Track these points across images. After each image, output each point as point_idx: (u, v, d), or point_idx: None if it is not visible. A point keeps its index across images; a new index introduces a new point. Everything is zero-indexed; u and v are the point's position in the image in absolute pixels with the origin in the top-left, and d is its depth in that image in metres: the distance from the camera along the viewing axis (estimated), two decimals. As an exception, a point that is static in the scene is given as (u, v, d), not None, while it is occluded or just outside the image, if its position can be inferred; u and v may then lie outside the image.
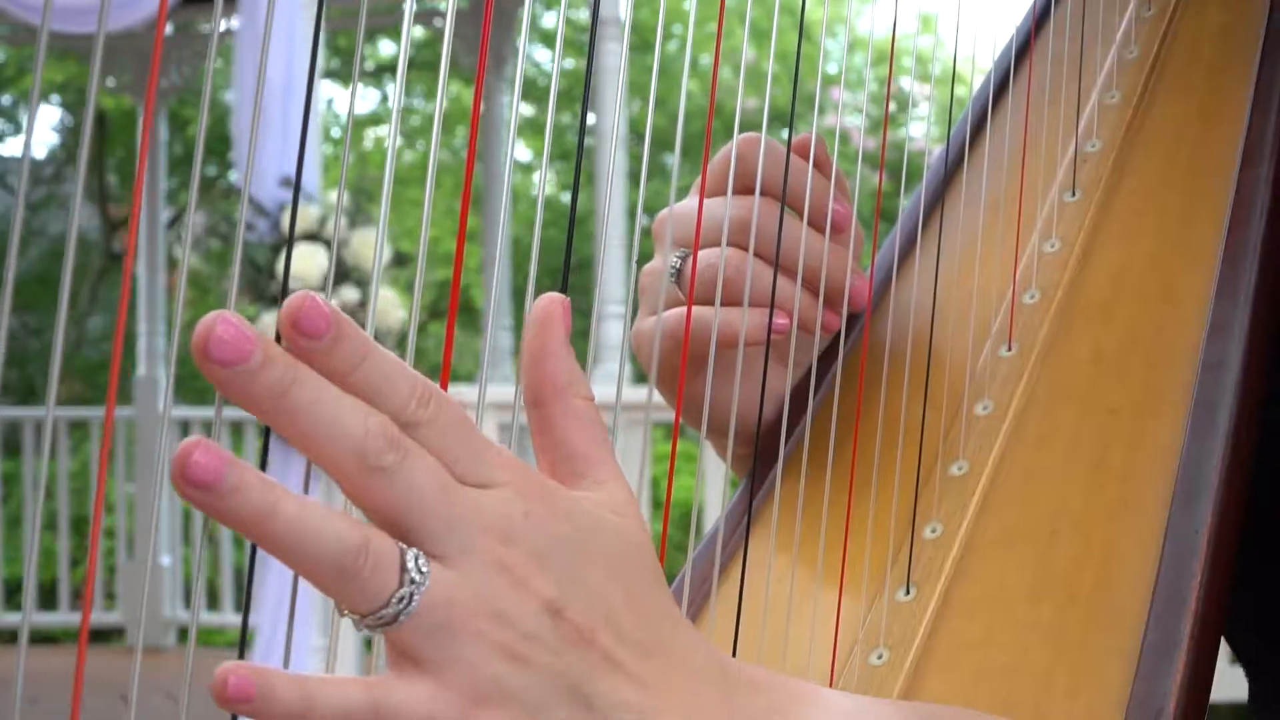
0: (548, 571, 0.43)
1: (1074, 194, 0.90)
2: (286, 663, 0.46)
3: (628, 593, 0.45)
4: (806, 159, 0.80)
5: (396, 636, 0.41)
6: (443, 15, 6.39)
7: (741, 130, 0.78)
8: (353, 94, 0.53)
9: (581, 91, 0.55)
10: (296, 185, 0.54)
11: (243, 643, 0.51)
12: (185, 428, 6.77)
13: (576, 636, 0.43)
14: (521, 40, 0.57)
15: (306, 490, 0.48)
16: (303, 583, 0.43)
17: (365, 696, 0.41)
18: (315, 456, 0.41)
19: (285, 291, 0.43)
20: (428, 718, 0.41)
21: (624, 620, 0.44)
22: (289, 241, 0.70)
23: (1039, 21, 0.98)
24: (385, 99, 11.29)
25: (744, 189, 0.79)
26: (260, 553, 0.49)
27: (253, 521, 0.40)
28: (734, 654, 0.69)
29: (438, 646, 0.41)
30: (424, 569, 0.41)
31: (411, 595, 0.41)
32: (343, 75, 10.57)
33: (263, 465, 0.53)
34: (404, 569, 0.41)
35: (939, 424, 0.80)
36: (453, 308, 0.51)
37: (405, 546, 0.41)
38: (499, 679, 0.42)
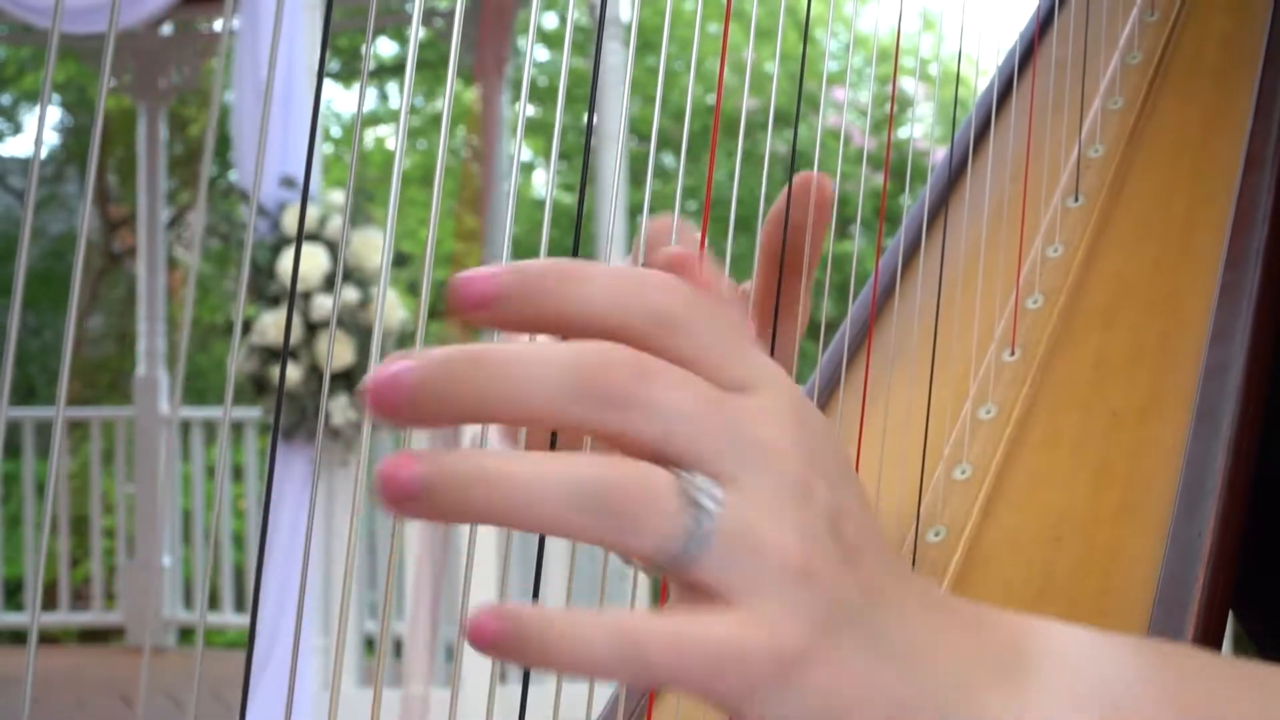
0: (823, 479, 0.38)
1: (1077, 199, 0.90)
2: (294, 664, 0.46)
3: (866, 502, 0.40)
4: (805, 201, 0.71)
5: (689, 573, 0.36)
6: (442, 15, 6.39)
7: (738, 129, 0.76)
8: (361, 95, 0.54)
9: (581, 91, 0.55)
10: (305, 185, 0.55)
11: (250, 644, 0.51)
12: (185, 427, 6.78)
13: (851, 553, 0.38)
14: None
15: (314, 493, 0.47)
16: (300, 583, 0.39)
17: (668, 630, 0.36)
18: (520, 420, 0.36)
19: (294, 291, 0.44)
20: (739, 652, 0.36)
21: (878, 536, 0.40)
22: (298, 240, 0.70)
23: (1042, 26, 0.98)
24: (385, 99, 11.28)
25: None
26: (260, 552, 0.46)
27: (472, 503, 0.35)
28: None
29: (739, 576, 0.36)
30: (715, 495, 0.36)
31: (703, 529, 0.36)
32: (343, 75, 10.57)
33: (270, 465, 0.53)
34: (690, 502, 0.36)
35: (942, 427, 0.80)
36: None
37: (683, 472, 0.36)
38: (805, 603, 0.37)
